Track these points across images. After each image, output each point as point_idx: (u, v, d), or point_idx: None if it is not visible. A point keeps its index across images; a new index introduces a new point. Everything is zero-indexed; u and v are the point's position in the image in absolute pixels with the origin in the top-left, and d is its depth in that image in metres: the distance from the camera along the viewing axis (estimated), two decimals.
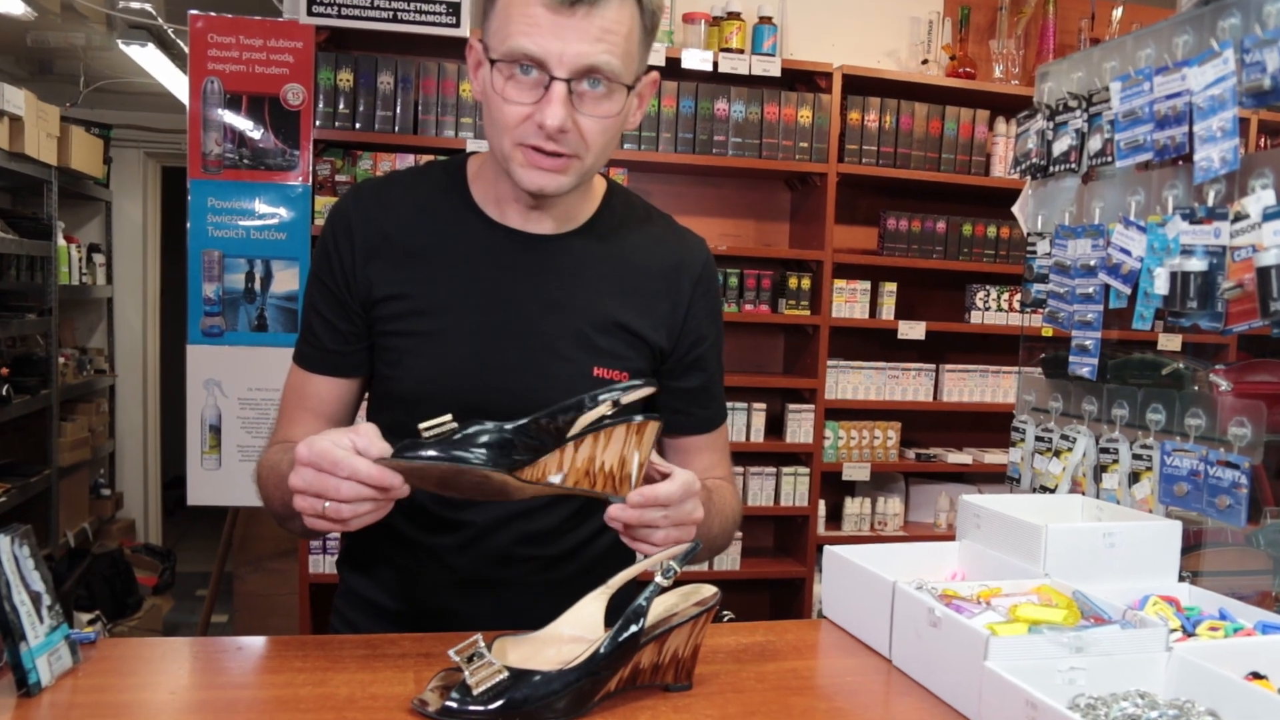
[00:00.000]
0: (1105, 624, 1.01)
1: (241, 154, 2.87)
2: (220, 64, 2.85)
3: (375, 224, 1.17)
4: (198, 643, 1.08)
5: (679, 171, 3.33)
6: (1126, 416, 1.45)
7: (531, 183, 1.08)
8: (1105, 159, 1.46)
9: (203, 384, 2.91)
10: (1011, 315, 3.41)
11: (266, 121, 2.87)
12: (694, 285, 1.24)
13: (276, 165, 2.88)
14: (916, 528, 3.51)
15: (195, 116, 2.85)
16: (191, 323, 2.89)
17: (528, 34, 1.00)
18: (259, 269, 2.90)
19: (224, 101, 2.85)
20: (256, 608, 3.50)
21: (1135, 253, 1.38)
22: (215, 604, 3.46)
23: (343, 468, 0.90)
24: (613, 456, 0.95)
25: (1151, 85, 1.35)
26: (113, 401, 5.34)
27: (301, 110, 2.88)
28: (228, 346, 2.90)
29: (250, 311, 2.91)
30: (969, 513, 1.29)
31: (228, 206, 2.88)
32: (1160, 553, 1.19)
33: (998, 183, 3.33)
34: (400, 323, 1.16)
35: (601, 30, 1.01)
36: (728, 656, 1.08)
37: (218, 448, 2.94)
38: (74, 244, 4.66)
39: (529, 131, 1.05)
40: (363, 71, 2.91)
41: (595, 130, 1.06)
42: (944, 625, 0.99)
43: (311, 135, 2.88)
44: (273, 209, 2.90)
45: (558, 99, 1.02)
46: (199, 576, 4.95)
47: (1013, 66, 3.40)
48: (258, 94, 2.86)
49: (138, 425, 5.54)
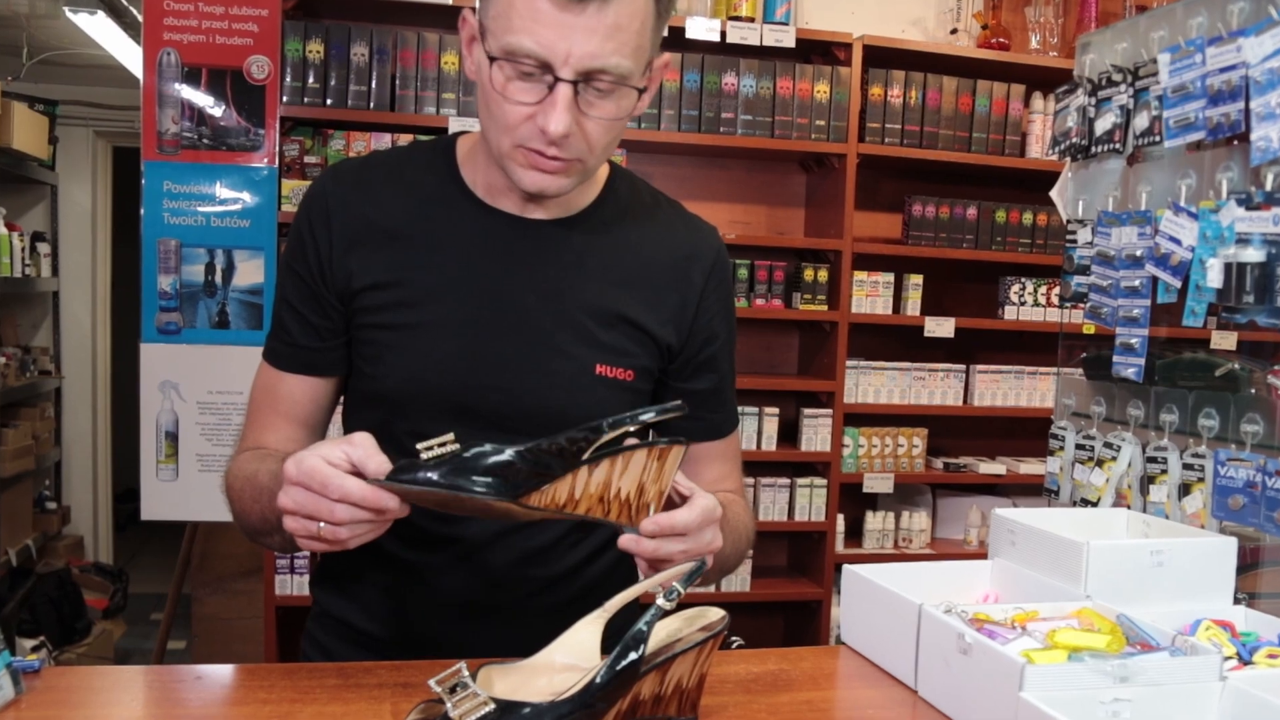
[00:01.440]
0: (1153, 651, 1.01)
1: (201, 133, 2.87)
2: (177, 34, 2.85)
3: (355, 208, 1.17)
4: (152, 671, 1.08)
5: (682, 152, 3.33)
6: (1176, 422, 1.45)
7: (531, 184, 1.09)
8: (1153, 138, 1.46)
9: (158, 386, 2.91)
10: (1049, 311, 3.41)
11: (228, 97, 2.87)
12: (706, 278, 1.24)
13: (239, 145, 2.89)
14: (945, 545, 3.51)
15: (150, 92, 2.85)
16: (145, 319, 2.89)
17: (531, 31, 0.99)
18: (220, 260, 2.90)
19: (181, 75, 2.85)
20: (217, 633, 3.50)
21: (1186, 242, 1.38)
22: (172, 629, 3.46)
23: (333, 489, 0.91)
24: (630, 483, 0.95)
25: (1204, 57, 1.35)
26: (59, 406, 5.33)
27: (267, 85, 2.88)
28: (186, 345, 2.90)
29: (210, 306, 2.91)
30: (1003, 528, 1.29)
31: (185, 191, 2.88)
32: (1213, 572, 1.19)
33: (1034, 165, 3.33)
34: (382, 315, 1.16)
35: (612, 28, 1.00)
36: (736, 687, 1.08)
37: (174, 457, 2.94)
38: (16, 232, 4.66)
39: (530, 134, 1.05)
40: (334, 42, 2.91)
41: (600, 132, 1.07)
42: (975, 652, 0.99)
43: (278, 112, 2.88)
44: (235, 194, 2.90)
45: (562, 104, 1.02)
46: (154, 598, 4.95)
47: (1051, 36, 3.40)
48: (219, 67, 2.86)
49: (86, 432, 5.53)
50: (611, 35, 1.01)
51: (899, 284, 3.32)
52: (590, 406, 1.12)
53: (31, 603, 4.08)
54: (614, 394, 1.18)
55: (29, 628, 3.97)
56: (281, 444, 1.20)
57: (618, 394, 1.18)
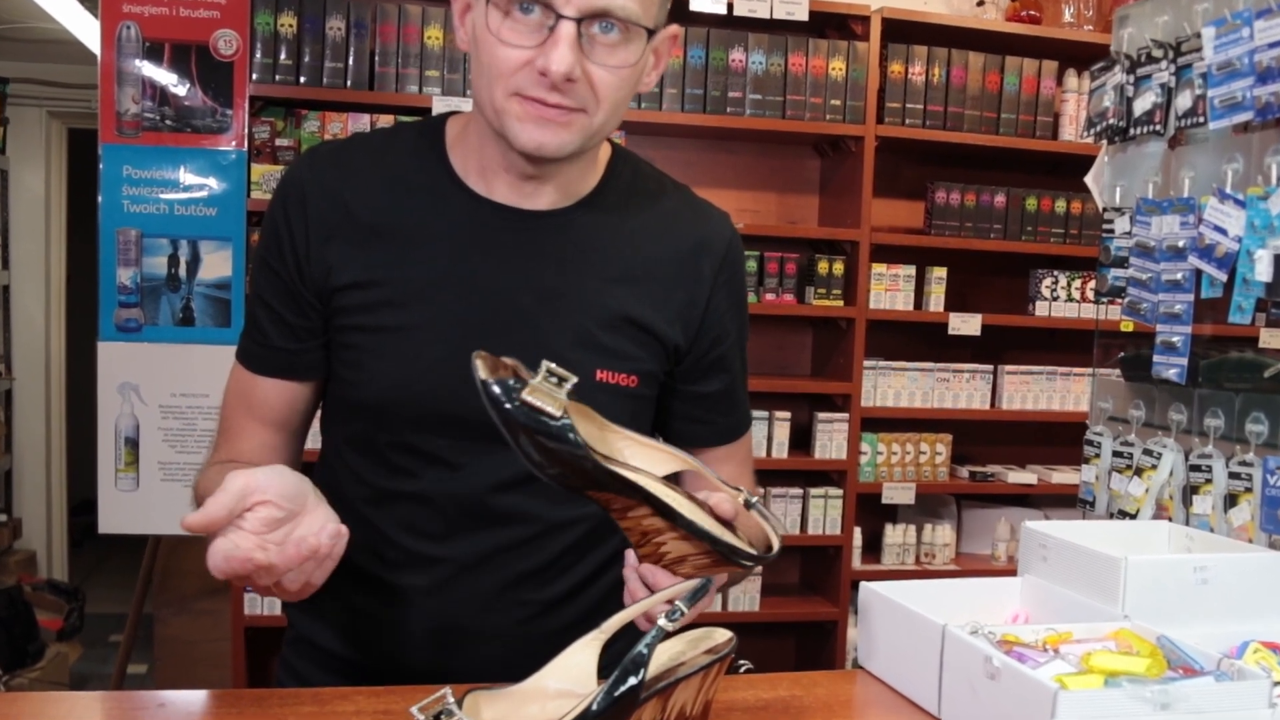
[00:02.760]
0: (1196, 675, 1.01)
1: (163, 114, 2.88)
2: (138, 6, 2.85)
3: (334, 196, 1.16)
4: (111, 698, 1.09)
5: (686, 134, 3.33)
6: (1222, 428, 1.45)
7: (529, 139, 1.07)
8: (1196, 119, 1.46)
9: (117, 388, 2.91)
10: (1084, 307, 3.41)
11: (193, 75, 2.88)
12: (716, 271, 1.24)
13: (205, 127, 2.89)
14: (970, 561, 3.52)
15: (108, 69, 2.85)
16: (104, 316, 2.89)
17: None
18: (184, 251, 2.91)
19: (142, 51, 2.86)
20: (181, 656, 3.50)
21: (1232, 232, 1.38)
22: (132, 651, 3.46)
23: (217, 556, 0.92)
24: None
25: (1252, 31, 1.35)
26: (9, 409, 5.33)
27: (235, 61, 2.88)
28: (147, 344, 2.91)
29: (174, 302, 2.91)
30: (1034, 542, 1.29)
31: (147, 177, 2.88)
32: (1263, 590, 1.19)
33: (1068, 148, 3.34)
34: (363, 316, 1.16)
35: None
36: (745, 714, 1.08)
37: (135, 465, 2.94)
38: None
39: (528, 80, 1.04)
40: (308, 15, 2.91)
41: (608, 82, 1.06)
42: (1004, 677, 0.99)
43: (247, 92, 2.88)
44: (201, 179, 2.90)
45: (565, 41, 1.01)
46: (113, 619, 4.95)
47: (1086, 9, 3.40)
48: (183, 42, 2.87)
49: (39, 438, 5.53)
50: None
51: (921, 277, 3.32)
52: None
53: None
54: (615, 401, 1.16)
55: None
56: (257, 450, 1.21)
57: (619, 401, 1.17)
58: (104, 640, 4.82)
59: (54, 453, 5.63)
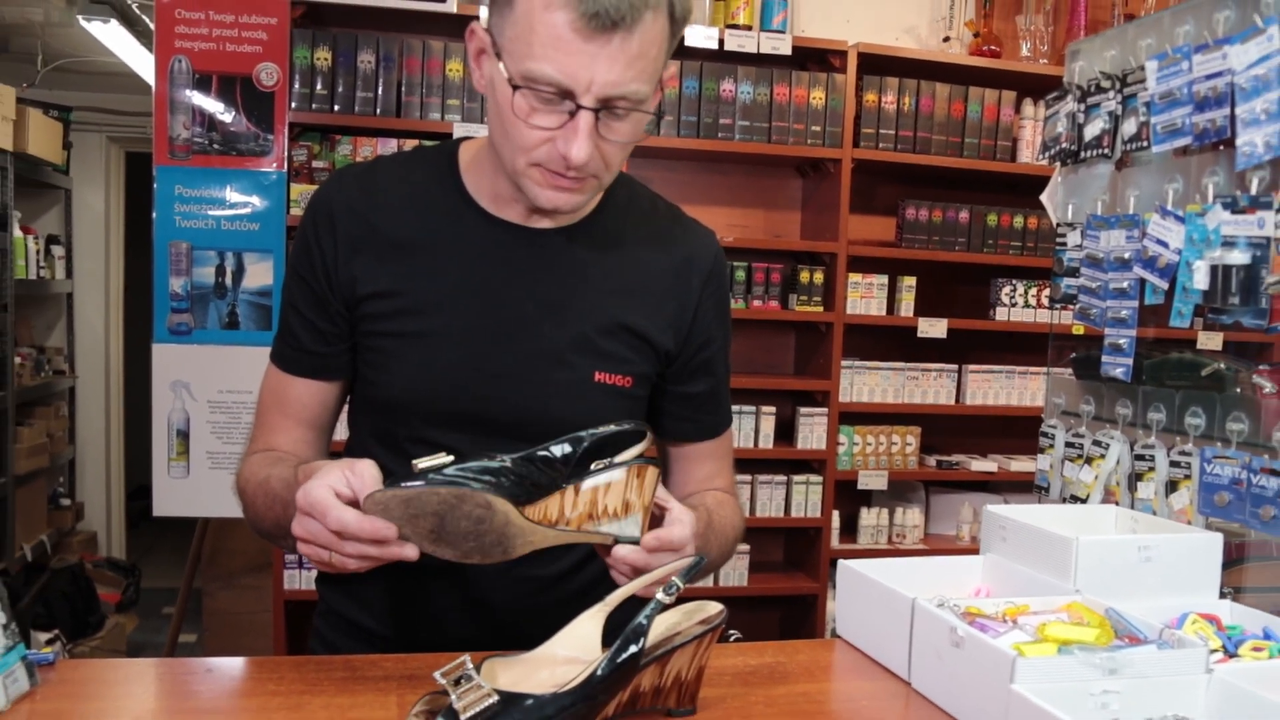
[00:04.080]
0: (1140, 644, 1.01)
1: (211, 138, 2.88)
2: (189, 41, 2.85)
3: (360, 214, 1.16)
4: (164, 664, 1.08)
5: (681, 157, 3.33)
6: (1164, 421, 1.45)
7: (548, 201, 1.08)
8: (1141, 144, 1.46)
9: (169, 386, 2.91)
10: (1040, 312, 3.41)
11: (238, 103, 2.88)
12: (703, 283, 1.24)
13: (249, 150, 2.89)
14: (937, 540, 3.51)
15: (161, 98, 2.85)
16: (157, 320, 2.89)
17: (554, 59, 0.98)
18: (230, 262, 2.91)
19: (192, 82, 2.86)
20: (227, 627, 3.50)
21: (1173, 245, 1.38)
22: (183, 623, 3.45)
23: (331, 520, 0.91)
24: (615, 500, 0.98)
25: (1190, 64, 1.35)
26: (73, 404, 5.33)
27: (276, 91, 2.88)
28: (196, 345, 2.90)
29: (221, 308, 2.91)
30: (994, 524, 1.29)
31: (196, 195, 2.88)
32: (1200, 567, 1.19)
33: (1025, 169, 3.33)
34: (386, 323, 1.16)
35: (635, 56, 0.99)
36: (734, 679, 1.08)
37: (186, 454, 2.94)
38: (31, 235, 4.66)
39: (549, 156, 1.04)
40: (342, 50, 2.91)
41: (616, 151, 1.07)
42: (967, 645, 0.99)
43: (287, 118, 2.88)
44: (245, 197, 2.90)
45: (584, 131, 1.01)
46: (165, 593, 4.95)
47: (1041, 44, 3.40)
48: (229, 74, 2.87)
49: (100, 430, 5.53)
50: (633, 63, 1.00)
51: (893, 286, 3.32)
52: (589, 413, 1.11)
53: (46, 597, 4.08)
54: (612, 400, 1.17)
55: (44, 621, 3.97)
56: (291, 446, 1.21)
57: (616, 400, 1.18)
58: (157, 612, 4.82)
59: (113, 444, 5.63)
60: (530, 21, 0.98)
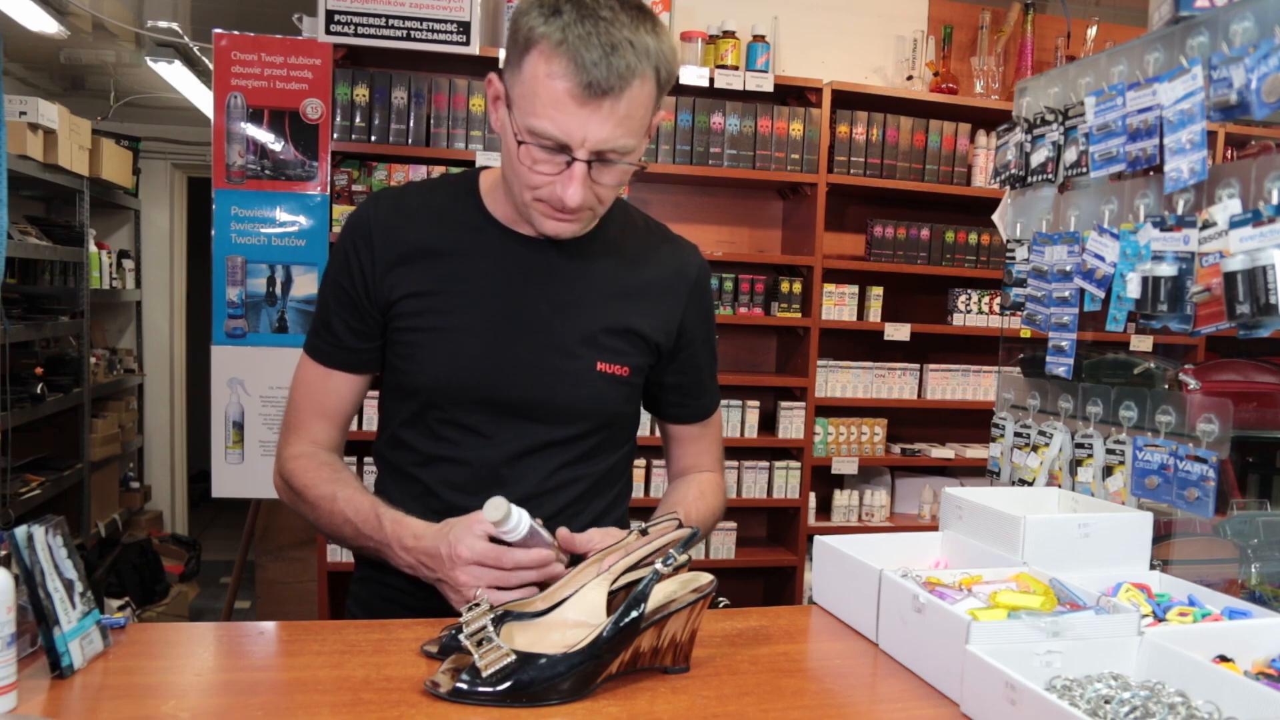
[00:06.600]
0: (1080, 610, 1.01)
1: (263, 165, 2.87)
2: (243, 80, 2.85)
3: (395, 232, 1.19)
4: (221, 627, 1.08)
5: (677, 182, 3.33)
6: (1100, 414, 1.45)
7: (550, 229, 1.13)
8: (1080, 170, 1.46)
9: (226, 382, 2.91)
10: (992, 318, 3.41)
11: (287, 134, 2.87)
12: (689, 290, 1.28)
13: (296, 176, 2.88)
14: (902, 519, 3.51)
15: (219, 130, 2.85)
16: (216, 324, 2.89)
17: (553, 119, 1.02)
18: (280, 274, 2.90)
19: (247, 115, 2.85)
20: (277, 594, 3.50)
21: (1109, 258, 1.38)
22: (238, 591, 3.45)
23: (507, 561, 1.02)
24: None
25: (1124, 100, 1.35)
26: (141, 399, 5.34)
27: (320, 124, 2.88)
28: (250, 347, 2.90)
29: (271, 314, 2.91)
30: (951, 504, 1.29)
31: (250, 215, 2.88)
32: (1132, 542, 1.19)
33: (979, 192, 3.33)
34: (418, 319, 1.18)
35: (624, 117, 1.03)
36: (723, 640, 1.08)
37: (241, 443, 2.93)
38: (104, 250, 4.66)
39: (550, 196, 1.09)
40: (378, 87, 2.91)
41: (607, 191, 1.11)
42: (928, 611, 0.99)
43: (329, 147, 2.88)
44: (293, 217, 2.90)
45: (578, 180, 1.05)
46: (223, 565, 4.95)
47: (993, 82, 3.39)
48: (279, 108, 2.86)
49: (165, 422, 5.54)
50: (621, 123, 1.03)
51: (862, 295, 3.32)
52: (593, 397, 1.18)
53: (118, 569, 4.09)
54: (612, 387, 1.21)
55: (115, 590, 3.97)
56: (321, 441, 1.24)
57: (615, 386, 1.22)
58: (216, 582, 4.82)
59: (176, 433, 5.63)
60: (535, 85, 1.02)
